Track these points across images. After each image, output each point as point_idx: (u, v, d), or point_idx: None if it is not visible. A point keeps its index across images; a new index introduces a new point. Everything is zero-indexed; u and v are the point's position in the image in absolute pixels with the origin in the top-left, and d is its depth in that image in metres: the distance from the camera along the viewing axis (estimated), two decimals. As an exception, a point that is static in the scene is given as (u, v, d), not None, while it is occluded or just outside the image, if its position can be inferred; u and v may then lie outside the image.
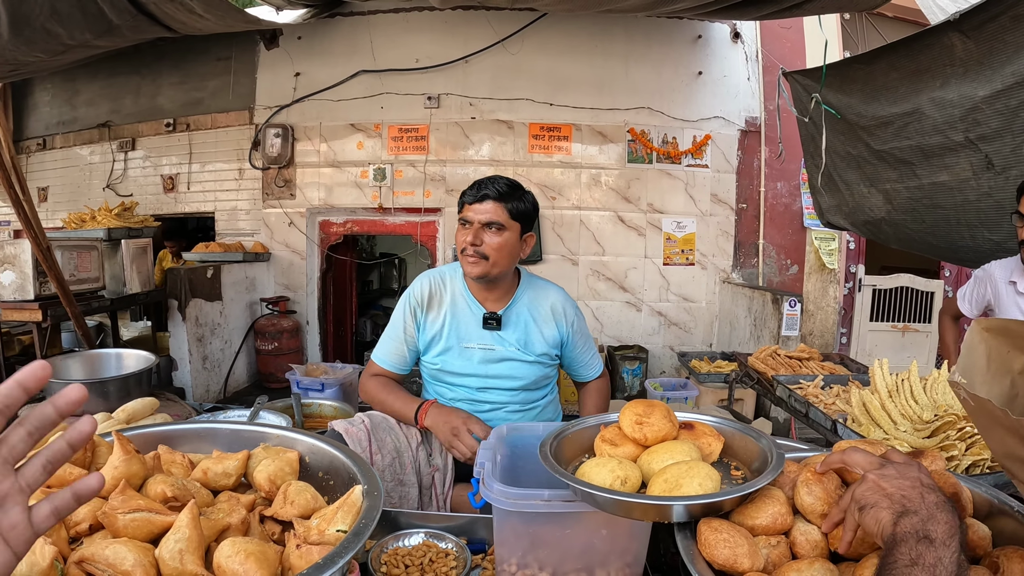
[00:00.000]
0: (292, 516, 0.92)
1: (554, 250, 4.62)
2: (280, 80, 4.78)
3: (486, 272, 1.61)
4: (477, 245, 1.58)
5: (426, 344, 1.74)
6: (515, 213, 1.61)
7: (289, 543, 0.83)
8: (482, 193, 1.60)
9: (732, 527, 0.80)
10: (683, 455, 0.98)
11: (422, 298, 1.73)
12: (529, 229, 1.69)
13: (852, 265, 4.95)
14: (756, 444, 1.03)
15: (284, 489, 0.97)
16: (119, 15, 3.48)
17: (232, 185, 4.93)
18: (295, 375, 3.15)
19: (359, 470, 0.99)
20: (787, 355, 3.04)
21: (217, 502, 0.97)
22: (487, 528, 1.27)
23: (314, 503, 0.96)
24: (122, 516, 0.81)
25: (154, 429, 1.16)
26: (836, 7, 3.16)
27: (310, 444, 1.12)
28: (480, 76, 4.58)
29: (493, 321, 1.68)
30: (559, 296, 1.76)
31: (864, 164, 3.13)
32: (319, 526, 0.86)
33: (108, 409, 2.21)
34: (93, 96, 5.40)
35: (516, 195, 1.63)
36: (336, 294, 5.04)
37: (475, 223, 1.59)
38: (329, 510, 0.88)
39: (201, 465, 1.02)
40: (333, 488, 1.04)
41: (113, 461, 0.91)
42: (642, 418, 1.05)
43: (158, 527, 0.81)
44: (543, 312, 1.73)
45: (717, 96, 4.62)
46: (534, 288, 1.75)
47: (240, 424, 1.20)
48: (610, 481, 0.93)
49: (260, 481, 1.00)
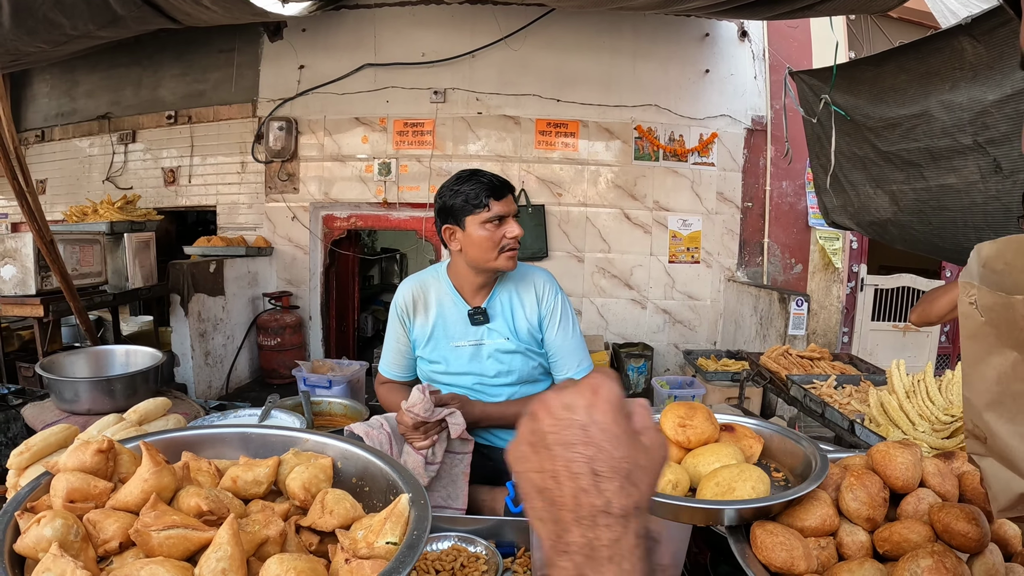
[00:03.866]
0: (332, 527, 0.89)
1: (560, 247, 4.60)
2: (284, 73, 4.73)
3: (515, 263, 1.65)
4: (518, 235, 1.58)
5: (419, 347, 1.77)
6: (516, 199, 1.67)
7: (337, 557, 0.79)
8: (506, 186, 1.60)
9: (786, 530, 0.81)
10: (729, 458, 0.97)
11: (406, 305, 1.76)
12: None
13: (855, 265, 4.97)
14: (796, 446, 1.02)
15: (321, 498, 0.93)
16: (123, 6, 3.42)
17: (234, 179, 4.87)
18: (301, 372, 3.12)
19: (400, 477, 0.96)
20: (798, 355, 3.05)
21: (250, 513, 0.93)
22: (515, 531, 1.27)
23: (353, 512, 0.92)
24: (156, 534, 0.75)
25: (177, 434, 1.12)
26: (849, 8, 3.15)
27: (342, 449, 1.09)
28: (487, 71, 4.55)
29: (480, 316, 1.68)
30: (541, 276, 1.73)
31: (870, 165, 3.13)
32: (366, 538, 0.83)
33: (115, 408, 2.18)
34: (93, 87, 5.32)
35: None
36: (339, 289, 5.01)
37: (509, 215, 1.58)
38: (376, 520, 0.85)
39: (230, 473, 0.99)
40: (369, 495, 1.01)
41: (142, 473, 0.87)
42: (685, 420, 1.04)
43: (195, 544, 0.77)
44: (526, 293, 1.71)
45: (724, 94, 4.60)
46: (516, 272, 1.71)
47: (268, 428, 1.18)
48: (661, 486, 0.92)
49: (294, 489, 0.96)
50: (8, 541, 0.73)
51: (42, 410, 2.17)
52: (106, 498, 0.84)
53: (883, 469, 0.91)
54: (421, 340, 1.76)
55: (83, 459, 0.89)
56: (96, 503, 0.84)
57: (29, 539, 0.71)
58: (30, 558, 0.72)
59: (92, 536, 0.76)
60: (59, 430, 1.18)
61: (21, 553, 0.72)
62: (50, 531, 0.70)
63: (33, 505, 0.84)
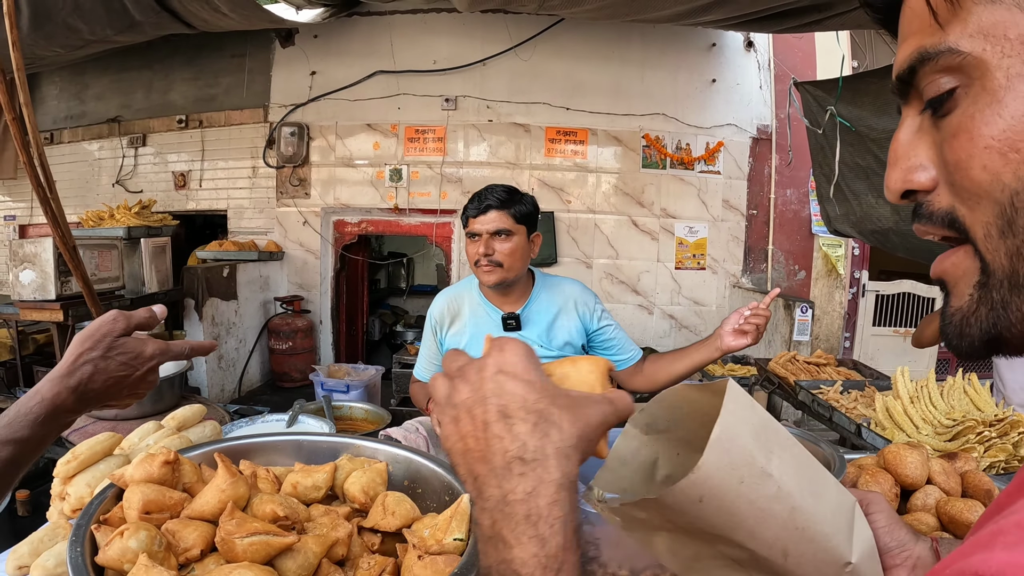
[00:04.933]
0: (395, 527, 0.95)
1: (569, 253, 4.66)
2: (296, 78, 4.77)
3: (503, 278, 1.66)
4: (490, 255, 1.63)
5: None
6: (519, 216, 1.66)
7: (408, 554, 0.85)
8: (485, 204, 1.64)
9: None
10: None
11: (440, 317, 1.84)
12: (534, 229, 1.73)
13: (857, 271, 5.05)
14: (816, 448, 1.10)
15: (381, 500, 0.98)
16: (142, 11, 3.47)
17: (245, 183, 4.91)
18: (319, 376, 3.16)
19: (455, 478, 1.02)
20: (805, 360, 3.12)
21: (314, 517, 0.98)
22: None
23: (413, 513, 0.98)
24: (240, 540, 0.80)
25: (232, 444, 1.17)
26: (854, 24, 3.22)
27: (391, 453, 1.14)
28: (497, 79, 4.61)
29: (512, 321, 1.73)
30: (576, 287, 1.79)
31: (872, 175, 3.20)
32: (434, 535, 0.89)
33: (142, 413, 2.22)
34: (103, 90, 5.35)
35: (516, 199, 1.67)
36: (349, 293, 5.05)
37: (484, 234, 1.64)
38: (441, 519, 0.91)
39: (289, 479, 1.03)
40: (422, 496, 1.06)
41: (219, 484, 0.91)
42: None
43: (275, 548, 0.81)
44: (563, 305, 1.75)
45: (730, 104, 4.68)
46: (550, 285, 1.79)
47: (318, 435, 1.22)
48: None
49: (354, 493, 1.01)
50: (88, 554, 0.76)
51: (69, 414, 2.21)
52: (180, 508, 0.89)
53: (894, 468, 1.01)
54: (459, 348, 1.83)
55: (150, 471, 0.93)
56: (171, 513, 0.88)
57: (113, 551, 0.74)
58: (113, 569, 0.75)
59: (172, 545, 0.80)
60: (104, 438, 1.21)
61: (105, 565, 0.75)
62: (135, 543, 0.74)
63: (106, 518, 0.88)
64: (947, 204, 0.34)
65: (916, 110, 0.36)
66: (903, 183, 0.36)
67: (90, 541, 0.81)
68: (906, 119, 0.37)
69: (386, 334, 5.75)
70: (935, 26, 0.33)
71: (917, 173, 0.35)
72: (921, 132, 0.36)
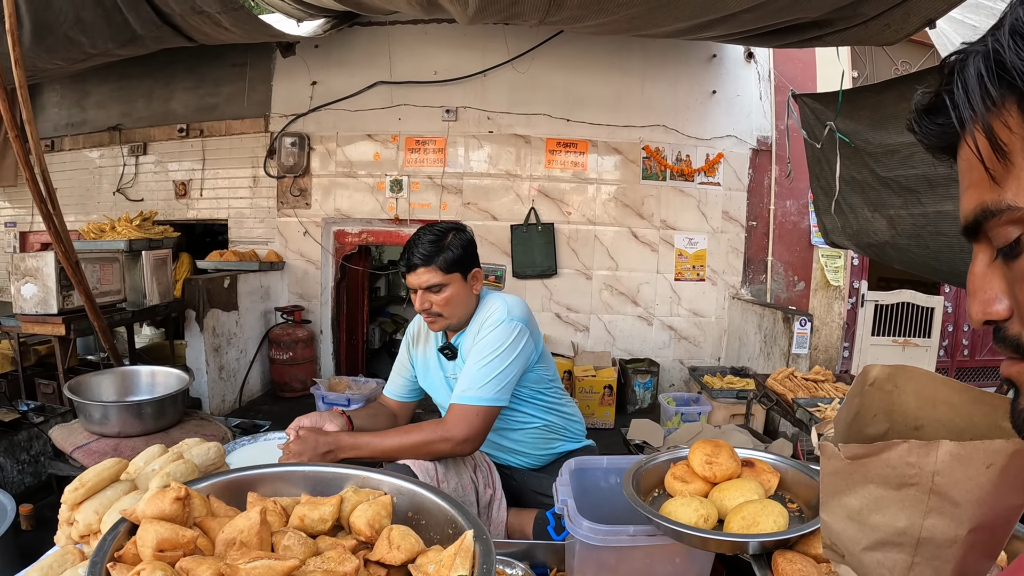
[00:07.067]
0: (400, 561, 0.96)
1: (568, 264, 4.67)
2: (296, 88, 4.79)
3: (446, 326, 1.71)
4: (427, 308, 1.66)
5: (420, 377, 1.89)
6: (447, 266, 1.62)
7: (413, 589, 0.86)
8: (411, 264, 1.64)
9: (803, 558, 0.91)
10: (751, 493, 1.10)
11: (415, 334, 1.90)
12: (471, 267, 1.69)
13: (856, 281, 5.06)
14: (809, 479, 1.14)
15: (386, 534, 1.00)
16: (144, 26, 3.48)
17: (246, 192, 4.92)
18: (320, 390, 3.17)
19: (459, 513, 1.03)
20: (803, 377, 3.13)
21: (322, 550, 0.99)
22: (546, 553, 1.37)
23: (417, 546, 0.99)
24: (243, 566, 0.83)
25: (240, 475, 1.18)
26: (854, 40, 3.24)
27: (395, 485, 1.15)
28: (498, 90, 4.62)
29: (447, 351, 1.76)
30: (493, 304, 1.69)
31: (868, 189, 3.21)
32: (438, 572, 0.90)
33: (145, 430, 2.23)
34: (103, 99, 5.36)
35: (440, 248, 1.62)
36: (349, 303, 5.06)
37: (418, 290, 1.66)
38: (446, 555, 0.92)
39: (297, 512, 1.05)
40: (426, 528, 1.07)
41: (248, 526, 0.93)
42: (711, 458, 1.17)
43: (278, 572, 0.84)
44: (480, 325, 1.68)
45: (730, 115, 4.70)
46: (484, 305, 1.73)
47: (323, 467, 1.23)
48: (695, 519, 1.03)
49: (360, 526, 1.02)
50: None
51: (71, 432, 2.21)
52: (193, 546, 0.90)
53: None
54: (421, 371, 1.88)
55: (162, 507, 0.95)
56: (184, 551, 0.89)
57: None
58: None
59: None
60: (110, 464, 1.22)
61: None
62: None
63: (120, 555, 0.89)
64: (1016, 332, 0.41)
65: (986, 248, 0.42)
66: (983, 315, 0.42)
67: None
68: (978, 255, 0.43)
69: (386, 342, 5.76)
70: (992, 183, 0.38)
71: (995, 306, 0.41)
72: (993, 267, 0.42)
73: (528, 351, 1.66)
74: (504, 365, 1.58)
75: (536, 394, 1.79)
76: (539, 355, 1.76)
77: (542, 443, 1.85)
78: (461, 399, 1.55)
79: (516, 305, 1.68)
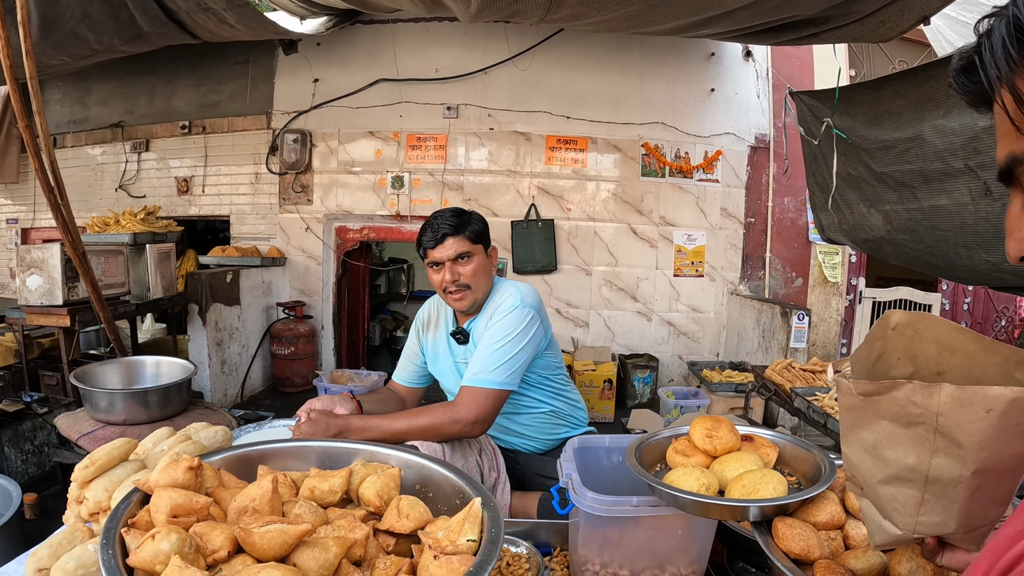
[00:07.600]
0: (409, 529, 0.98)
1: (568, 260, 4.71)
2: (298, 85, 4.82)
3: (474, 300, 1.71)
4: (456, 279, 1.67)
5: (430, 364, 1.92)
6: (474, 237, 1.69)
7: (424, 554, 0.88)
8: (441, 233, 1.67)
9: (803, 524, 0.95)
10: (751, 464, 1.12)
11: (425, 320, 1.92)
12: (488, 244, 1.76)
13: (853, 278, 5.10)
14: (807, 453, 1.17)
15: (396, 504, 1.02)
16: (150, 23, 3.51)
17: (248, 189, 4.95)
18: (322, 382, 3.20)
19: (466, 483, 1.06)
20: (801, 368, 3.16)
21: (332, 520, 1.02)
22: (549, 532, 1.39)
23: (426, 515, 1.02)
24: (257, 530, 0.85)
25: (250, 449, 1.20)
26: (850, 37, 3.28)
27: (403, 459, 1.18)
28: (498, 88, 4.66)
29: (459, 335, 1.78)
30: (507, 291, 1.72)
31: (864, 185, 3.25)
32: (448, 537, 0.93)
33: (150, 418, 2.25)
34: (106, 96, 5.39)
35: (465, 221, 1.69)
36: (350, 299, 5.09)
37: (446, 261, 1.67)
38: (454, 521, 0.95)
39: (307, 484, 1.07)
40: (433, 500, 1.10)
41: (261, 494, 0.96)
42: (711, 432, 1.20)
43: (291, 537, 0.85)
44: (493, 312, 1.71)
45: (729, 113, 4.74)
46: (496, 291, 1.76)
47: (334, 442, 1.27)
48: (697, 487, 1.06)
49: (369, 497, 1.05)
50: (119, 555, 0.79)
51: (76, 420, 2.23)
52: (206, 512, 0.92)
53: None
54: (431, 357, 1.91)
55: (175, 476, 0.97)
56: (198, 517, 0.92)
57: (145, 553, 0.77)
58: (144, 571, 0.78)
59: (200, 547, 0.83)
60: (120, 444, 1.24)
61: (136, 567, 0.78)
62: (167, 545, 0.77)
63: (133, 521, 0.92)
64: None
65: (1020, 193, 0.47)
66: (1020, 251, 0.47)
67: (120, 544, 0.85)
68: (1014, 199, 0.48)
69: (387, 339, 5.79)
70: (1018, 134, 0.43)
71: None
72: None
73: (539, 338, 1.69)
74: (516, 350, 1.61)
75: (544, 380, 1.83)
76: (548, 342, 1.79)
77: (548, 428, 1.88)
78: (472, 382, 1.58)
79: (528, 293, 1.72)
